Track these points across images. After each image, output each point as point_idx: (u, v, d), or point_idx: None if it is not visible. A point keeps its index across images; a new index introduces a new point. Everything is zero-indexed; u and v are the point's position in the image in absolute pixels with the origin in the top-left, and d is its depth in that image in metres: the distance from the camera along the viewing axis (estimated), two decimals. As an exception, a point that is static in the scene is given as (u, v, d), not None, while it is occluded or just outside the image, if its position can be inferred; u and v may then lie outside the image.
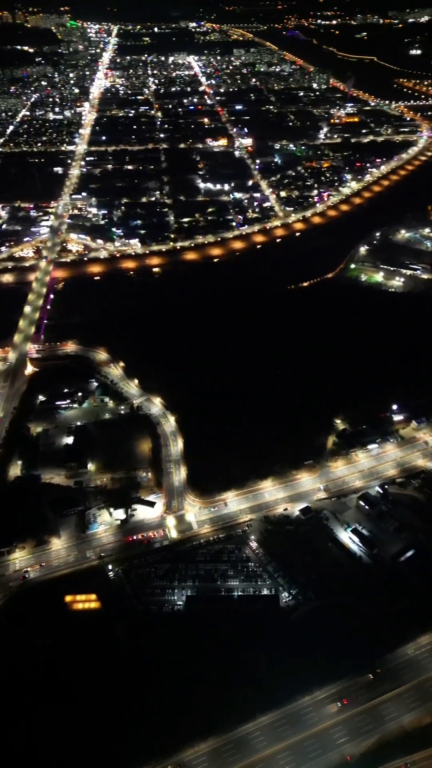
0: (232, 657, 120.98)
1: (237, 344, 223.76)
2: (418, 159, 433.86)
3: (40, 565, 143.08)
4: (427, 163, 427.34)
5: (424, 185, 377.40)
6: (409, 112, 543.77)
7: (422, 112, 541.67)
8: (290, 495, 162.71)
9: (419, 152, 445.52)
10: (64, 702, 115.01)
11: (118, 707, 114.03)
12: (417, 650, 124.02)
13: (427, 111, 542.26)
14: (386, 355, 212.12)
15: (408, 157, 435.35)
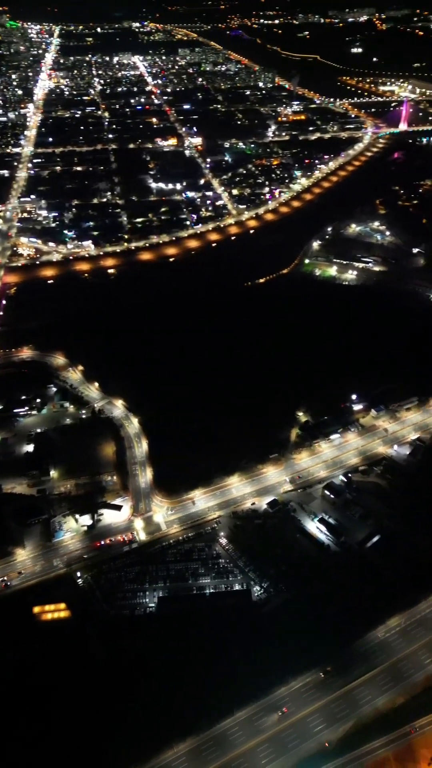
0: (207, 655, 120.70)
1: (197, 342, 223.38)
2: (364, 155, 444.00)
3: (5, 577, 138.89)
4: (373, 158, 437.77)
5: (372, 180, 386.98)
6: (353, 110, 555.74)
7: (366, 109, 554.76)
8: (257, 489, 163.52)
9: (365, 148, 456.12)
10: (37, 716, 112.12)
11: (94, 716, 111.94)
12: (387, 633, 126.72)
13: (371, 108, 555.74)
14: (343, 347, 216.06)
15: (355, 153, 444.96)
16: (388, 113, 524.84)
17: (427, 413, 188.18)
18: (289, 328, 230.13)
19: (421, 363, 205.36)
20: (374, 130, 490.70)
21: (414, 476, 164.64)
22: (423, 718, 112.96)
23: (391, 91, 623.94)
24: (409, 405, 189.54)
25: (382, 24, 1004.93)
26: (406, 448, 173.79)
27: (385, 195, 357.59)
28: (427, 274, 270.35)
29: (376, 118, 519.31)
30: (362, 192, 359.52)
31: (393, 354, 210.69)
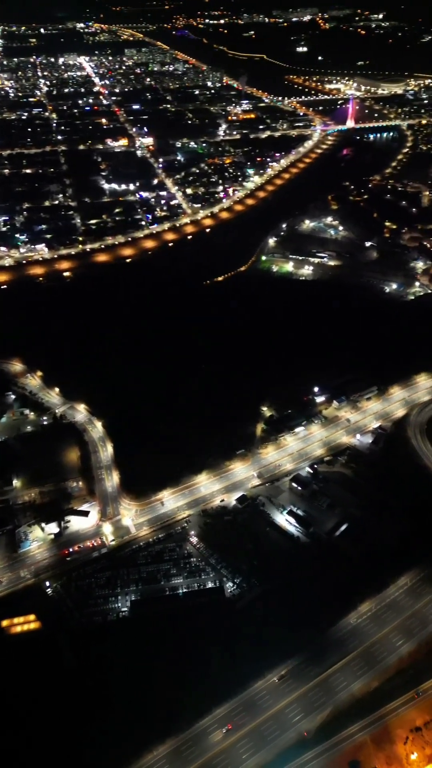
0: (183, 655, 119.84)
1: (158, 343, 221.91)
2: (314, 152, 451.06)
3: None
4: (323, 155, 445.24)
5: (323, 176, 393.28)
6: (301, 108, 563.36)
7: (314, 107, 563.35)
8: (225, 486, 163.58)
9: (315, 145, 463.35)
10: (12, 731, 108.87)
11: (70, 725, 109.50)
12: (359, 618, 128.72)
13: (318, 106, 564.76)
14: (303, 341, 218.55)
15: (305, 150, 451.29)
16: (336, 111, 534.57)
17: (387, 402, 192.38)
18: (250, 324, 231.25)
19: (379, 353, 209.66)
20: (323, 127, 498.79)
21: (377, 464, 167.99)
22: (397, 700, 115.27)
23: (338, 89, 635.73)
24: (370, 395, 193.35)
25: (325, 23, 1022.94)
26: (369, 437, 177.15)
27: (337, 191, 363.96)
28: (381, 266, 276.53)
29: (324, 116, 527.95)
30: (314, 188, 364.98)
31: (351, 346, 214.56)
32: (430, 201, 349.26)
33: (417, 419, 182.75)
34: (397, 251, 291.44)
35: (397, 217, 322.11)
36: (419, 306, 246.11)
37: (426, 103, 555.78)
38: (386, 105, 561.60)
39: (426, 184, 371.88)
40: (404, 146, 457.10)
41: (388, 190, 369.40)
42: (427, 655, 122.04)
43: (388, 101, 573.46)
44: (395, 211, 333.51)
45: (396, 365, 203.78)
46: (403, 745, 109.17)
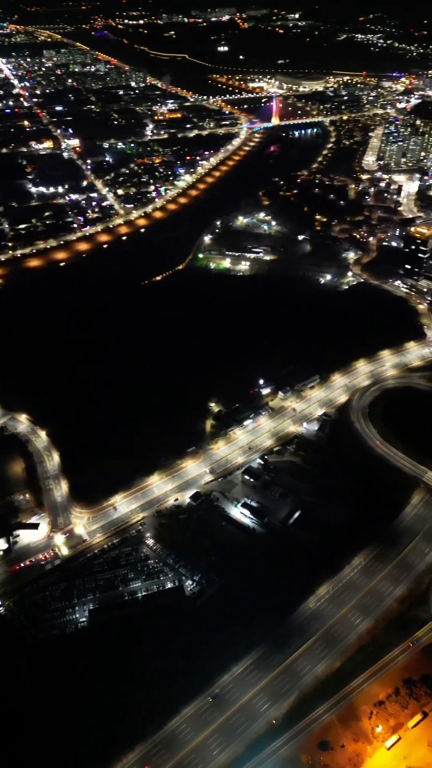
0: (147, 659, 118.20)
1: (98, 346, 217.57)
2: (243, 149, 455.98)
3: None
4: (251, 152, 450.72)
5: (253, 173, 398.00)
6: (227, 106, 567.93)
7: (239, 105, 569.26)
8: (179, 485, 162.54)
9: (242, 143, 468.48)
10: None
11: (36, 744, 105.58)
12: (317, 602, 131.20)
13: (243, 104, 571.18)
14: (245, 335, 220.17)
15: (233, 148, 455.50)
16: (260, 109, 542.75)
17: (330, 389, 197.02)
18: (191, 322, 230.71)
19: (319, 343, 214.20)
20: (249, 125, 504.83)
21: (325, 450, 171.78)
22: (360, 677, 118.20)
23: (260, 88, 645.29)
24: (312, 383, 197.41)
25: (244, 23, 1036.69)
26: (315, 424, 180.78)
27: (267, 187, 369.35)
28: (315, 258, 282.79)
29: (249, 114, 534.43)
30: (245, 185, 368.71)
31: (292, 337, 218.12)
32: (356, 194, 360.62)
33: (359, 404, 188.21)
34: (329, 243, 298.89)
35: (326, 211, 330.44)
36: (353, 295, 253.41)
37: (346, 100, 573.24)
38: (308, 102, 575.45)
39: (351, 178, 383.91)
40: (328, 141, 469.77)
41: (316, 184, 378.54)
42: (384, 629, 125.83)
43: (310, 98, 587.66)
44: (324, 204, 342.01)
45: (335, 353, 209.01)
46: (368, 720, 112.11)
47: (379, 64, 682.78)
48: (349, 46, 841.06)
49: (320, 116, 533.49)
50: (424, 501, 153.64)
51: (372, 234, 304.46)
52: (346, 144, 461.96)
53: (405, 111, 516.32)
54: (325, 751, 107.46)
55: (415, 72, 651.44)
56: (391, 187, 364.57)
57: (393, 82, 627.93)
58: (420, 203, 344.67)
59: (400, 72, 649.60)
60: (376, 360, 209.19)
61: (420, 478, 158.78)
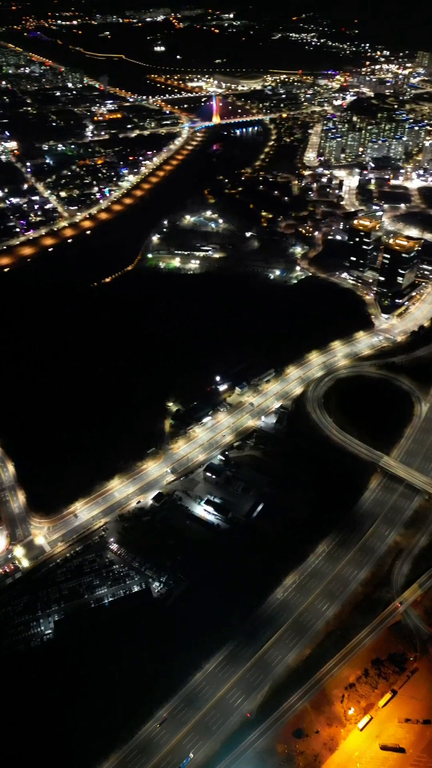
0: (118, 665, 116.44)
1: (49, 351, 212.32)
2: (185, 149, 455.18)
3: None
4: (194, 151, 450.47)
5: (197, 171, 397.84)
6: (167, 106, 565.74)
7: (179, 105, 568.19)
8: (140, 487, 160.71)
9: (185, 142, 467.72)
10: None
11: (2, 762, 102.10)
12: (285, 592, 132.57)
13: (183, 104, 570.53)
14: (199, 333, 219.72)
15: (176, 147, 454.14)
16: (201, 108, 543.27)
17: (285, 382, 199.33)
18: (144, 322, 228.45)
19: (271, 337, 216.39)
20: (190, 124, 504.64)
21: (283, 441, 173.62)
22: (330, 662, 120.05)
23: (200, 87, 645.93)
24: (268, 377, 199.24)
25: (179, 23, 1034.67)
26: (273, 417, 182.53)
27: (212, 185, 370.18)
28: (263, 254, 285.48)
29: (190, 114, 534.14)
30: (190, 184, 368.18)
31: (245, 332, 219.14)
32: (299, 189, 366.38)
33: (314, 394, 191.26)
34: (276, 239, 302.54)
35: (271, 207, 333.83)
36: (302, 289, 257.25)
37: (284, 98, 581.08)
38: (247, 101, 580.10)
39: (294, 174, 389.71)
40: (269, 139, 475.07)
41: (260, 181, 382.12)
42: (351, 612, 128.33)
43: (249, 97, 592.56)
44: (269, 201, 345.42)
45: (289, 346, 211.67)
46: (340, 703, 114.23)
47: (314, 62, 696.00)
48: (284, 45, 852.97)
49: (260, 114, 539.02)
50: (381, 485, 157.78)
51: (317, 228, 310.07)
52: (287, 141, 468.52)
53: (341, 108, 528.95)
54: (300, 739, 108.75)
55: (349, 70, 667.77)
56: (333, 182, 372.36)
57: (328, 80, 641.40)
58: (361, 197, 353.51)
59: (335, 70, 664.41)
60: (328, 351, 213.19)
61: (376, 463, 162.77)
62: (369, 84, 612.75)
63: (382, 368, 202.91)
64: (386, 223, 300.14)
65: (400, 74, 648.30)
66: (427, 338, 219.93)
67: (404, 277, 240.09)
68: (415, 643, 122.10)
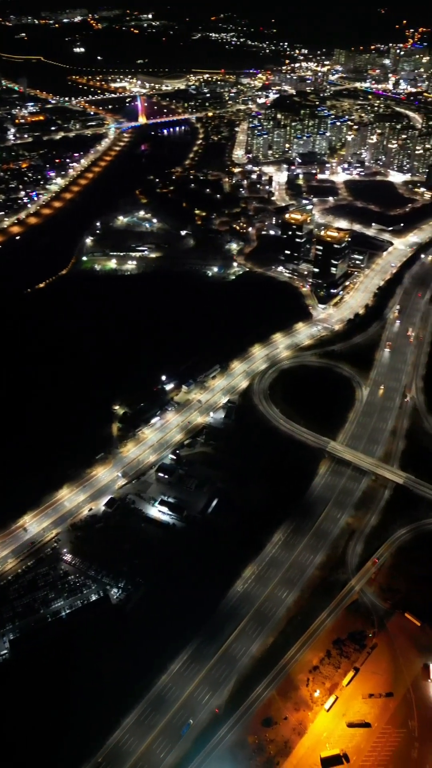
0: (80, 678, 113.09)
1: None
2: (113, 149, 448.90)
3: None
4: (122, 152, 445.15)
5: (127, 172, 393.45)
6: (91, 107, 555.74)
7: (103, 106, 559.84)
8: (91, 494, 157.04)
9: (112, 143, 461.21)
10: None
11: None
12: (245, 584, 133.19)
13: (108, 105, 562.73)
14: (141, 334, 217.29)
15: (103, 148, 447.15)
16: (126, 108, 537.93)
17: (231, 377, 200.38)
18: (84, 326, 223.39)
19: (213, 333, 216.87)
20: (116, 125, 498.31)
21: (233, 436, 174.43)
22: (293, 647, 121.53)
23: (123, 88, 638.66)
24: (214, 373, 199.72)
25: (97, 24, 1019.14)
26: (221, 413, 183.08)
27: (143, 185, 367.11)
28: (200, 252, 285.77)
29: (115, 114, 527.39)
30: (121, 184, 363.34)
31: (188, 330, 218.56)
32: (231, 187, 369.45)
33: (259, 387, 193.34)
34: (211, 236, 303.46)
35: (204, 205, 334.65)
36: (241, 284, 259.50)
37: (209, 97, 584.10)
38: (172, 100, 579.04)
39: (224, 172, 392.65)
40: (197, 138, 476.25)
41: (191, 180, 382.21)
42: (310, 597, 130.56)
43: (174, 96, 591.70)
44: (202, 199, 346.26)
45: (232, 341, 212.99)
46: (306, 687, 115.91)
47: (236, 61, 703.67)
48: (205, 45, 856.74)
49: (186, 114, 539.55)
50: (330, 470, 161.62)
51: (251, 224, 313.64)
52: (215, 139, 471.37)
53: (265, 105, 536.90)
54: (269, 727, 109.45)
55: (270, 68, 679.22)
56: (263, 178, 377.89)
57: (251, 79, 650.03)
58: (290, 192, 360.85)
59: (257, 69, 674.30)
60: (270, 344, 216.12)
61: (324, 449, 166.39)
62: (290, 82, 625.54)
63: (322, 357, 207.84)
64: (317, 216, 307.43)
65: (320, 72, 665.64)
66: (363, 325, 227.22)
67: (337, 268, 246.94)
68: (373, 620, 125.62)
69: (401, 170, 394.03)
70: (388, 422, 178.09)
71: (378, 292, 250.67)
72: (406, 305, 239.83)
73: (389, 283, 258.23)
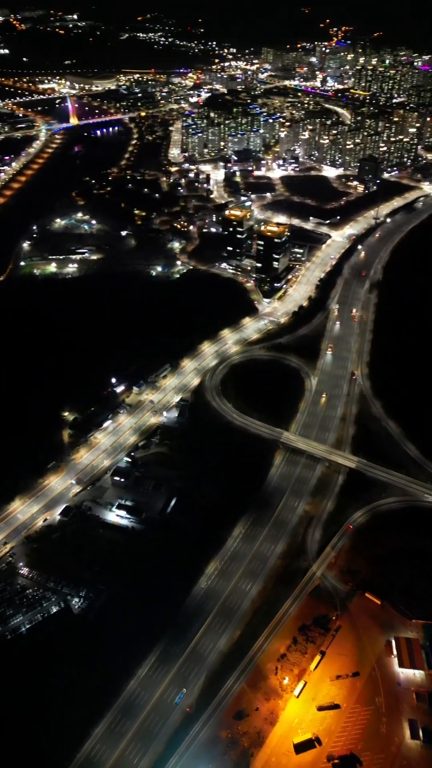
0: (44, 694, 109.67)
1: None
2: (46, 152, 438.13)
3: None
4: (55, 154, 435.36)
5: (62, 174, 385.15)
6: (19, 109, 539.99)
7: (32, 107, 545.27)
8: (45, 504, 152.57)
9: (44, 145, 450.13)
10: None
11: None
12: (208, 580, 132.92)
13: (37, 106, 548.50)
14: (87, 337, 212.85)
15: (35, 150, 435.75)
16: (56, 110, 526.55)
17: (182, 375, 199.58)
18: (26, 333, 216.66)
19: (161, 332, 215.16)
20: (47, 127, 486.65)
21: (188, 434, 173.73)
22: (260, 638, 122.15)
23: (52, 89, 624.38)
24: (164, 372, 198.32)
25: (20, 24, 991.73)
26: (174, 412, 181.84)
27: (79, 186, 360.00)
28: (142, 252, 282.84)
29: (45, 116, 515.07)
30: (56, 187, 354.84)
31: (135, 331, 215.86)
32: (169, 186, 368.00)
33: (211, 383, 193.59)
34: (153, 236, 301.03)
35: (143, 205, 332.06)
36: (185, 282, 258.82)
37: (140, 97, 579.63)
38: (104, 101, 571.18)
39: (161, 171, 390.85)
40: (132, 138, 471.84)
41: (128, 180, 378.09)
42: (273, 587, 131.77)
43: (104, 97, 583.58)
44: (140, 198, 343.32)
45: (181, 340, 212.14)
46: (275, 675, 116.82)
47: (165, 61, 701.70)
48: (133, 45, 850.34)
49: (119, 114, 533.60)
50: (285, 459, 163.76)
51: (191, 222, 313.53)
52: (150, 139, 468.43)
53: (198, 104, 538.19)
54: (241, 720, 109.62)
55: (200, 67, 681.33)
56: (200, 176, 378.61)
57: (182, 78, 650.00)
58: (228, 189, 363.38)
59: (187, 68, 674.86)
60: (219, 340, 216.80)
61: (278, 439, 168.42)
62: (221, 81, 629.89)
63: (270, 350, 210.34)
64: (256, 212, 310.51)
65: (249, 70, 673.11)
66: (308, 317, 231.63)
67: (279, 262, 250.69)
68: (336, 603, 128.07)
69: (334, 165, 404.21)
70: (338, 409, 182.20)
71: (320, 284, 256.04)
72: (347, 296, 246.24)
73: (330, 274, 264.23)
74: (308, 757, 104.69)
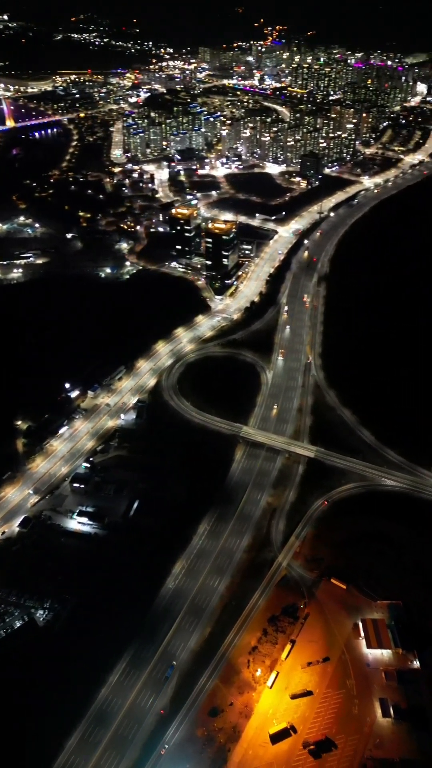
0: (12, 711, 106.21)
1: None
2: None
3: None
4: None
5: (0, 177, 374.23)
6: None
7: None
8: (2, 516, 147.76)
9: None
10: None
11: None
12: (175, 580, 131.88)
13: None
14: (38, 342, 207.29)
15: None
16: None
17: (138, 376, 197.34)
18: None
19: (114, 334, 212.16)
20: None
21: (146, 435, 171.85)
22: (230, 633, 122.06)
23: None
24: (119, 375, 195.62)
25: None
26: (132, 413, 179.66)
27: (20, 190, 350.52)
28: (89, 254, 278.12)
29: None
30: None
31: (87, 335, 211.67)
32: (113, 186, 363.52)
33: (168, 383, 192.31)
34: (99, 237, 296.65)
35: (87, 206, 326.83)
36: (136, 283, 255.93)
37: (78, 98, 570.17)
38: (40, 102, 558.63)
39: (104, 172, 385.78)
40: (72, 139, 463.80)
41: (71, 182, 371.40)
42: (241, 581, 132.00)
43: (41, 98, 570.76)
44: (84, 200, 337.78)
45: (134, 341, 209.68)
46: (247, 669, 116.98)
47: (102, 61, 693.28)
48: (68, 46, 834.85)
49: (57, 115, 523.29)
50: (246, 454, 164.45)
51: (138, 222, 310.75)
52: (91, 140, 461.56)
53: (138, 104, 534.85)
54: (216, 717, 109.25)
55: (138, 67, 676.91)
56: (144, 176, 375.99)
57: (119, 78, 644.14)
58: (174, 188, 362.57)
59: (124, 68, 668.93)
60: (174, 339, 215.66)
61: (238, 434, 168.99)
62: (159, 80, 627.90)
63: (225, 346, 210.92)
64: (202, 210, 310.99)
65: (187, 70, 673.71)
66: (260, 312, 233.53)
67: (229, 259, 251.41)
68: (303, 591, 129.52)
69: (276, 162, 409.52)
70: (294, 401, 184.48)
71: (270, 279, 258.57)
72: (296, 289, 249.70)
73: (279, 269, 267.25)
74: (284, 746, 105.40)
